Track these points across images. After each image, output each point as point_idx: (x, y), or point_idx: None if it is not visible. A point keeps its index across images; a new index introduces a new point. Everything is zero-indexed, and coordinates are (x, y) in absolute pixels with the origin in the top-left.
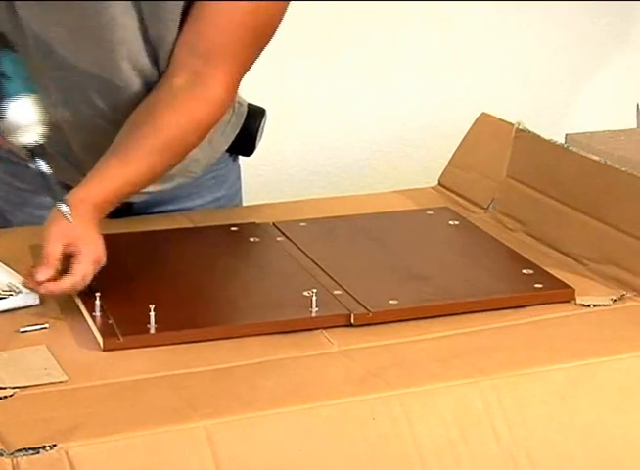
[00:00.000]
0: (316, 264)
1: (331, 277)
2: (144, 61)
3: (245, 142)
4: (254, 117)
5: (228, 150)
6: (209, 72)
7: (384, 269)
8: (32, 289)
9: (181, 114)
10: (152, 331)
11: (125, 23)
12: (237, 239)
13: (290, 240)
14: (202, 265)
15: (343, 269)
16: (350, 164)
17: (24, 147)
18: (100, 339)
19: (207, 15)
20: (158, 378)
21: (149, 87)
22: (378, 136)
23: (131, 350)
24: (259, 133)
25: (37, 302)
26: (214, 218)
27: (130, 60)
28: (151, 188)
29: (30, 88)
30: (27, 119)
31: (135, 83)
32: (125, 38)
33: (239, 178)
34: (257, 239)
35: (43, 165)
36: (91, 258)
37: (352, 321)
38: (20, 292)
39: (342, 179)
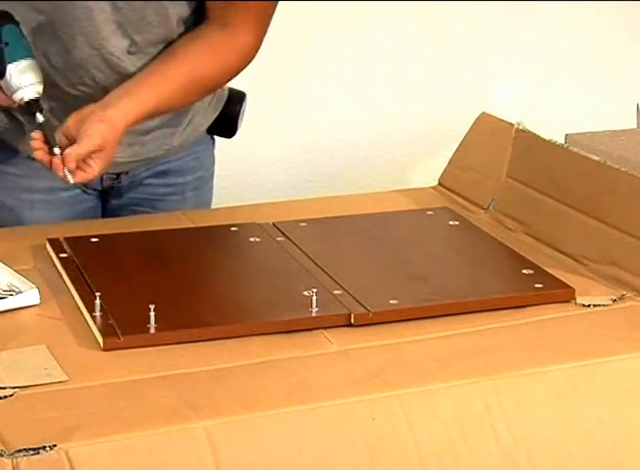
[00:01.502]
0: (316, 264)
1: (331, 277)
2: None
3: (226, 125)
4: (235, 100)
5: (209, 131)
6: (239, 19)
7: (384, 269)
8: (45, 164)
9: (213, 58)
10: (152, 331)
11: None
12: (237, 239)
13: (290, 240)
14: (202, 265)
15: (343, 269)
16: (350, 163)
17: (24, 102)
18: (100, 338)
19: None
20: (158, 378)
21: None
22: (378, 136)
23: (131, 349)
24: (240, 116)
25: (37, 301)
26: (214, 218)
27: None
28: (120, 155)
29: (28, 53)
30: (27, 80)
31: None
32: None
33: (213, 164)
34: (258, 239)
35: (39, 117)
36: (108, 162)
37: (352, 321)
38: (20, 292)
39: (342, 179)
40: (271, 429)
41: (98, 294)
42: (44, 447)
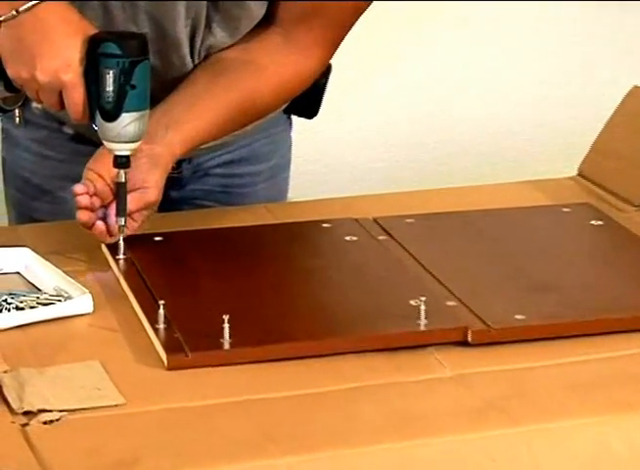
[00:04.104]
0: (425, 269)
1: (443, 285)
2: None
3: (306, 102)
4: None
5: (287, 111)
6: (311, 39)
7: (508, 277)
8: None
9: (266, 78)
10: (226, 347)
11: None
12: (330, 237)
13: (394, 239)
14: (286, 269)
15: (459, 276)
16: (463, 149)
17: (113, 155)
18: (163, 355)
19: None
20: (231, 403)
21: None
22: (497, 115)
23: (201, 369)
24: (324, 92)
25: (90, 309)
26: (302, 212)
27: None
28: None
29: (147, 103)
30: (130, 134)
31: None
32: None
33: (290, 147)
34: (355, 238)
35: (122, 175)
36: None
37: (469, 339)
38: (69, 297)
39: (454, 168)
40: (365, 469)
41: (162, 302)
42: None
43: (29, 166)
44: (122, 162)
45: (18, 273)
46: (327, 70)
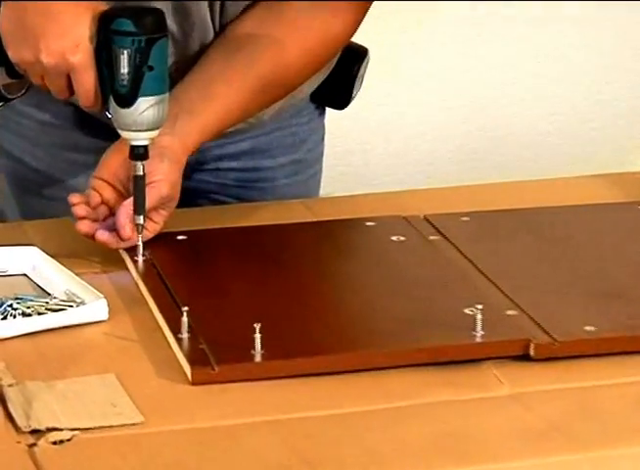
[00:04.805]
0: (482, 273)
1: (502, 291)
2: None
3: (337, 90)
4: (353, 57)
5: (314, 99)
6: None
7: (575, 283)
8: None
9: (288, 47)
10: (257, 359)
11: None
12: (374, 237)
13: (447, 239)
14: (325, 272)
15: (520, 281)
16: (521, 139)
17: (130, 145)
18: (187, 368)
19: None
20: (263, 423)
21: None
22: (562, 101)
23: (229, 384)
24: (358, 80)
25: (105, 316)
26: (341, 208)
27: None
28: None
29: (166, 87)
30: (148, 122)
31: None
32: None
33: (322, 140)
34: (403, 238)
35: (139, 167)
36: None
37: (531, 353)
38: (82, 303)
39: (510, 159)
40: None
41: (185, 309)
42: None
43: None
44: (140, 153)
45: (24, 275)
46: (362, 57)
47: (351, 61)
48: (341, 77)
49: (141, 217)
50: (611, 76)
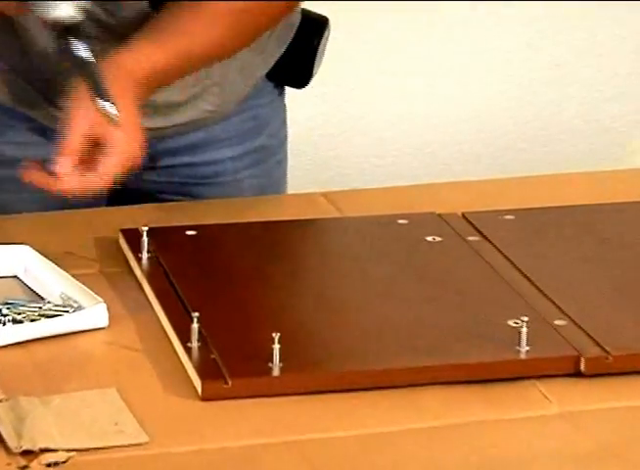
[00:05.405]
0: (528, 279)
1: (550, 299)
2: None
3: (296, 66)
4: (312, 29)
5: (272, 78)
6: None
7: (631, 290)
8: (39, 185)
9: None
10: (275, 373)
11: None
12: (406, 237)
13: (488, 241)
14: (352, 275)
15: (568, 289)
16: (554, 127)
17: (59, 22)
18: (197, 382)
19: None
20: (282, 444)
21: None
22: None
23: (243, 399)
24: (319, 54)
25: (105, 323)
26: (370, 202)
27: None
28: (148, 123)
29: None
30: None
31: None
32: None
33: (284, 123)
34: (438, 238)
35: (81, 49)
36: (122, 148)
37: (582, 369)
38: (79, 308)
39: (549, 151)
40: None
41: (195, 315)
42: None
43: None
44: (72, 30)
45: (15, 277)
46: (322, 28)
47: (311, 33)
48: (299, 52)
49: (107, 103)
50: None
